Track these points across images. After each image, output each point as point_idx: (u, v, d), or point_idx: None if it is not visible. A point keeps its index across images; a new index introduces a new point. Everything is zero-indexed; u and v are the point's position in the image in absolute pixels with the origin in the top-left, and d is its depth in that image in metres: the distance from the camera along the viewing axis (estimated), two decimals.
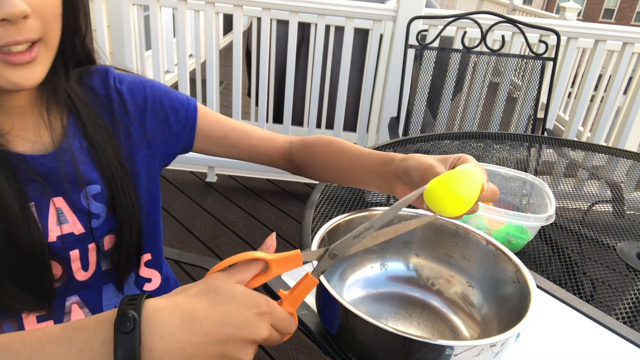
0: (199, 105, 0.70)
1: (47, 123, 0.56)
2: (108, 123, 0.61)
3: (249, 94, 2.92)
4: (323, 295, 0.54)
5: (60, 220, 0.56)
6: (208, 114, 0.71)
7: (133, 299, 0.40)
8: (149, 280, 0.71)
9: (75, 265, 0.59)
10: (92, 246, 0.59)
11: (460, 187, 0.48)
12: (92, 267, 0.61)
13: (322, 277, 0.51)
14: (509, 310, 0.58)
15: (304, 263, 0.47)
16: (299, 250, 0.47)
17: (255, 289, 0.45)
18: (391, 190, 0.62)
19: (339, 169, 0.71)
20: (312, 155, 0.73)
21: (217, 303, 0.41)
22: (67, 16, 0.52)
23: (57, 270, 0.58)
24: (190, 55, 4.27)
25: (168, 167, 2.62)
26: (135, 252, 0.63)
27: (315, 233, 0.60)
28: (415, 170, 0.56)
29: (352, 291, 0.67)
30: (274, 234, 0.48)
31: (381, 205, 1.03)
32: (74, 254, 0.58)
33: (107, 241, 0.61)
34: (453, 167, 0.54)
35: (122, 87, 0.63)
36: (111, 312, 0.39)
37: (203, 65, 2.41)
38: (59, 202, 0.56)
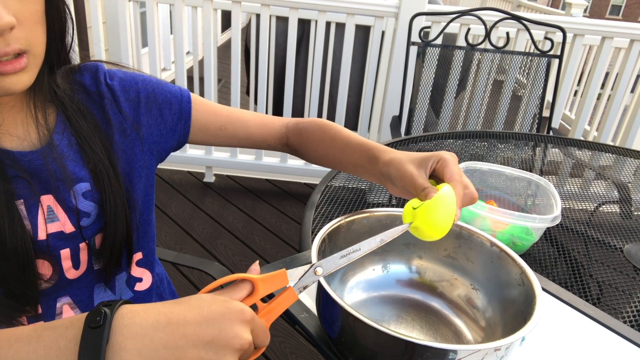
0: (193, 95, 0.69)
1: (34, 119, 0.55)
2: (99, 119, 0.60)
3: (247, 92, 2.90)
4: (324, 297, 0.53)
5: (51, 219, 0.55)
6: (202, 104, 0.70)
7: (111, 302, 0.39)
8: (140, 279, 0.70)
9: (66, 264, 0.58)
10: (83, 245, 0.58)
11: (436, 222, 0.53)
12: (83, 266, 0.60)
13: (322, 279, 0.50)
14: (513, 313, 0.57)
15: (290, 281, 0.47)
16: (284, 269, 0.47)
17: None
18: (382, 184, 0.65)
19: (333, 158, 0.73)
20: (306, 141, 0.74)
21: (196, 307, 0.39)
22: (52, 23, 0.52)
23: (47, 269, 0.57)
24: (188, 53, 4.27)
25: (165, 167, 2.63)
26: (125, 250, 0.62)
27: (316, 234, 0.59)
28: (398, 180, 0.59)
29: (354, 294, 0.66)
30: (257, 262, 0.49)
31: (383, 205, 1.01)
32: (65, 252, 0.57)
33: (99, 240, 0.60)
34: (432, 170, 0.58)
35: (113, 82, 0.62)
36: (88, 312, 0.38)
37: (201, 62, 2.41)
38: (48, 199, 0.55)
